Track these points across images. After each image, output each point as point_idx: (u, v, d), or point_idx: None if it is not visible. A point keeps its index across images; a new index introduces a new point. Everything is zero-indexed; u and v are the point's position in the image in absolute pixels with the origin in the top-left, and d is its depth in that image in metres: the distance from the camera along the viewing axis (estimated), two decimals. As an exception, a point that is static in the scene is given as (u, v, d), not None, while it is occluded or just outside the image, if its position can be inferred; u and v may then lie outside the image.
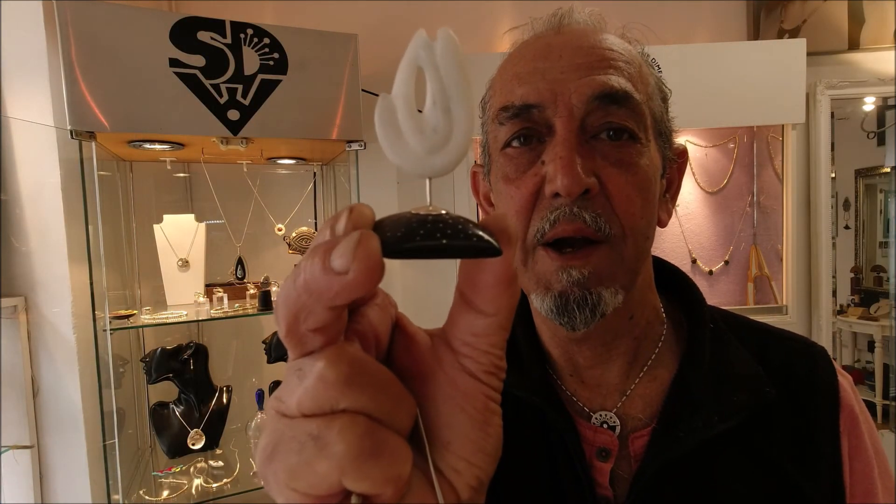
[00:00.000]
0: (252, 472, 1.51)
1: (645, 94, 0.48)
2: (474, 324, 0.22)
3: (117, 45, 1.23)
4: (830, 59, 2.05)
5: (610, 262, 0.45)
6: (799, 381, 0.51)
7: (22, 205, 1.28)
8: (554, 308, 0.46)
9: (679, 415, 0.48)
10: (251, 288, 1.65)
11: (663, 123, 0.51)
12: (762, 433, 0.48)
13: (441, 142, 0.22)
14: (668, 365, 0.53)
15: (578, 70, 0.46)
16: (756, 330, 0.56)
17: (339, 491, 0.20)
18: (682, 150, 0.55)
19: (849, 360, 2.92)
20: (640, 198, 0.46)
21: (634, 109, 0.46)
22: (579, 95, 0.45)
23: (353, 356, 0.20)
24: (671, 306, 0.57)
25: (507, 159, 0.49)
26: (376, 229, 0.20)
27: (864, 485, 0.50)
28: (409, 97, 0.22)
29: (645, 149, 0.47)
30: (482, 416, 0.22)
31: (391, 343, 0.24)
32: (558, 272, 0.45)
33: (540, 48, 0.49)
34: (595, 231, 0.44)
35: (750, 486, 0.47)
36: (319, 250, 0.19)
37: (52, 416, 1.31)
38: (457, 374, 0.22)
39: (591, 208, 0.44)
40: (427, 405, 0.22)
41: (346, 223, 0.20)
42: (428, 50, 0.22)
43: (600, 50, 0.47)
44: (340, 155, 1.68)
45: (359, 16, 1.91)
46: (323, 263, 0.18)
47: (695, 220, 2.16)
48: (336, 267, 0.18)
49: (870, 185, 2.64)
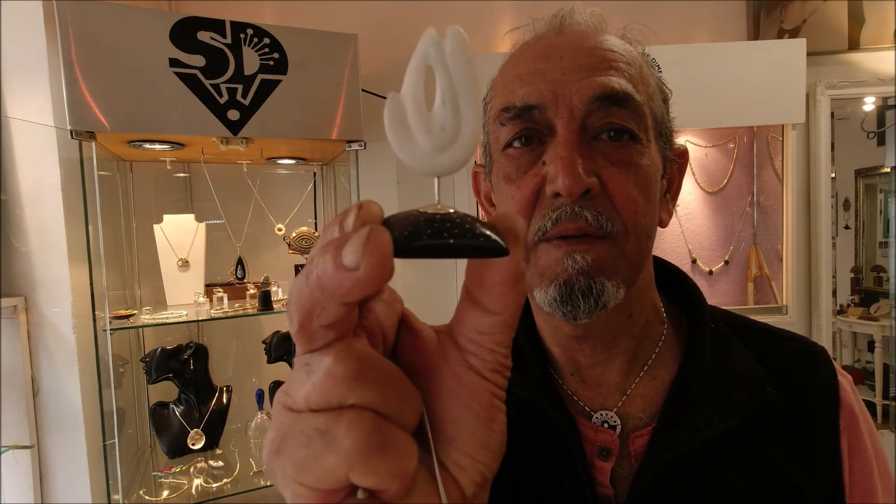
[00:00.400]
0: (252, 472, 1.51)
1: (646, 94, 0.48)
2: (480, 321, 0.22)
3: (117, 45, 1.23)
4: (830, 59, 2.05)
5: (612, 255, 0.46)
6: (799, 380, 0.51)
7: (22, 205, 1.28)
8: (558, 297, 0.46)
9: (679, 414, 0.48)
10: (251, 288, 1.65)
11: (664, 124, 0.51)
12: (762, 433, 0.48)
13: (449, 140, 0.22)
14: (669, 364, 0.53)
15: (580, 71, 0.46)
16: (757, 330, 0.56)
17: (346, 485, 0.20)
18: (682, 150, 0.55)
19: (849, 360, 2.92)
20: (642, 197, 0.46)
21: (635, 110, 0.46)
22: (580, 97, 0.45)
23: (362, 352, 0.20)
24: (672, 306, 0.57)
25: (508, 159, 0.49)
26: (385, 223, 0.20)
27: (863, 484, 0.50)
28: (418, 96, 0.22)
29: (646, 149, 0.47)
30: (487, 412, 0.22)
31: (397, 339, 0.24)
32: (564, 259, 0.45)
33: (541, 49, 0.49)
34: (597, 229, 0.45)
35: (750, 486, 0.47)
36: (331, 247, 0.19)
37: (52, 416, 1.31)
38: (462, 371, 0.22)
39: (593, 207, 0.45)
40: (432, 401, 0.22)
41: (356, 220, 0.20)
42: (437, 48, 0.22)
43: (601, 51, 0.47)
44: (340, 155, 1.68)
45: (359, 16, 1.91)
46: (335, 260, 0.18)
47: (695, 220, 2.16)
48: (347, 263, 0.18)
49: (870, 185, 2.64)
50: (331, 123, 1.45)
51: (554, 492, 0.49)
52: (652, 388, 0.52)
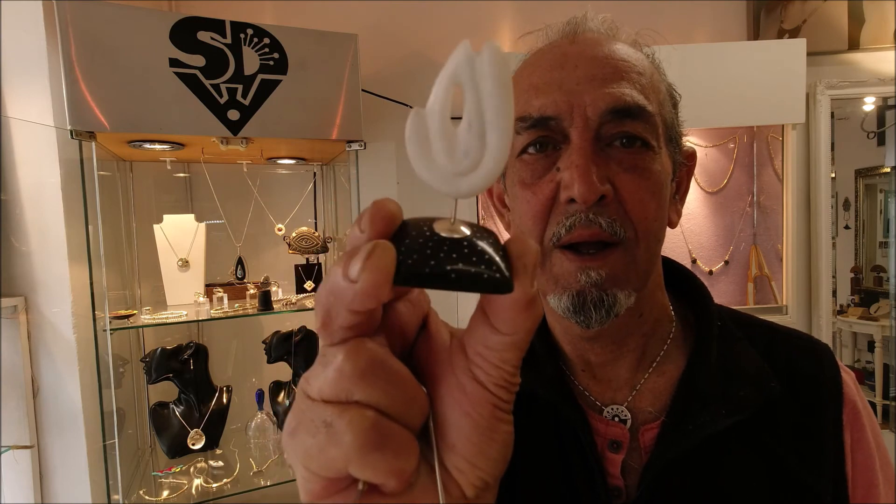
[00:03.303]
0: (252, 472, 1.51)
1: (657, 103, 0.50)
2: (489, 337, 0.22)
3: (117, 45, 1.23)
4: (830, 59, 2.05)
5: (625, 264, 0.47)
6: (803, 377, 0.53)
7: (22, 205, 1.28)
8: (571, 307, 0.47)
9: (688, 409, 0.50)
10: (251, 288, 1.65)
11: (674, 129, 0.53)
12: (767, 428, 0.50)
13: (471, 167, 0.21)
14: (677, 361, 0.54)
15: (593, 81, 0.47)
16: (762, 328, 0.58)
17: (347, 476, 0.21)
18: (690, 152, 0.57)
19: (849, 360, 2.92)
20: (654, 202, 0.48)
21: (648, 121, 0.48)
22: (594, 108, 0.47)
23: (372, 351, 0.21)
24: (680, 305, 0.59)
25: (523, 164, 0.50)
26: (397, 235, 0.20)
27: (865, 476, 0.51)
28: (444, 114, 0.21)
29: (657, 155, 0.49)
30: (487, 423, 0.22)
31: (417, 338, 0.24)
32: (577, 273, 0.47)
33: (556, 58, 0.50)
34: (611, 235, 0.46)
35: (754, 478, 0.48)
36: (345, 256, 0.20)
37: (52, 416, 1.31)
38: (466, 380, 0.22)
39: (607, 214, 0.46)
40: (438, 404, 0.23)
41: (369, 226, 0.20)
42: (469, 66, 0.20)
43: (614, 60, 0.49)
44: (340, 155, 1.68)
45: (359, 16, 1.91)
46: (342, 270, 0.19)
47: (695, 220, 2.16)
48: (351, 275, 0.19)
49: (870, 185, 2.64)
50: (331, 123, 1.45)
51: (566, 484, 0.50)
52: (660, 384, 0.53)
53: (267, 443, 1.64)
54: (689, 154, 0.56)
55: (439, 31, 1.98)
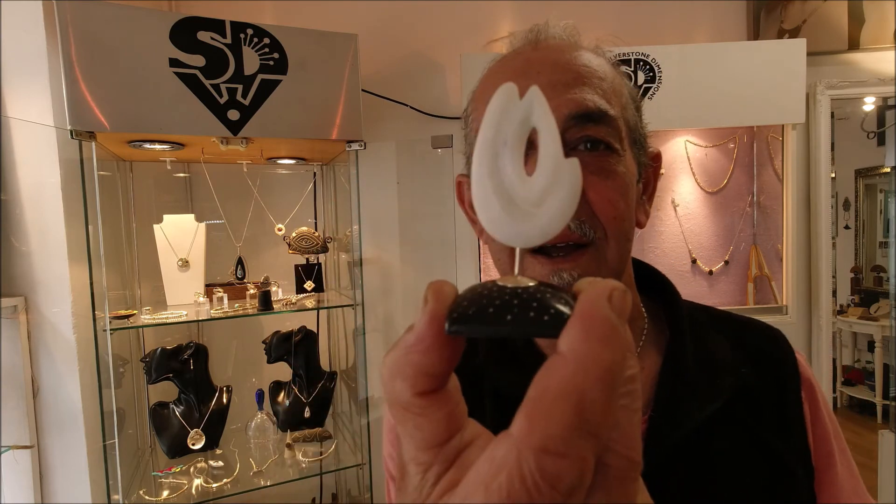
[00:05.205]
0: (252, 472, 1.51)
1: (619, 106, 0.51)
2: None
3: (117, 45, 1.23)
4: (830, 59, 2.05)
5: (596, 264, 0.49)
6: (770, 360, 0.58)
7: (22, 205, 1.28)
8: None
9: (675, 400, 0.52)
10: (251, 288, 1.65)
11: (637, 131, 0.55)
12: (746, 409, 0.53)
13: (526, 218, 0.20)
14: (653, 356, 0.57)
15: (556, 88, 0.49)
16: (727, 320, 0.63)
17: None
18: (655, 153, 0.59)
19: (849, 360, 2.93)
20: (622, 202, 0.50)
21: (610, 124, 0.50)
22: (557, 114, 0.48)
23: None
24: (651, 303, 0.62)
25: None
26: (457, 303, 0.19)
27: (823, 447, 0.57)
28: (518, 161, 0.20)
29: (622, 158, 0.51)
30: None
31: None
32: (549, 275, 0.49)
33: (519, 65, 0.52)
34: (581, 236, 0.48)
35: (744, 457, 0.52)
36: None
37: (52, 416, 1.31)
38: None
39: (575, 216, 0.47)
40: None
41: (432, 297, 0.19)
42: (541, 107, 0.21)
43: (576, 66, 0.50)
44: (340, 155, 1.68)
45: (359, 16, 1.91)
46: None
47: (695, 220, 2.16)
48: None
49: (870, 185, 2.64)
50: (331, 123, 1.45)
51: None
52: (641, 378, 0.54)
53: (267, 443, 1.64)
54: (654, 155, 0.58)
55: (439, 31, 1.98)
